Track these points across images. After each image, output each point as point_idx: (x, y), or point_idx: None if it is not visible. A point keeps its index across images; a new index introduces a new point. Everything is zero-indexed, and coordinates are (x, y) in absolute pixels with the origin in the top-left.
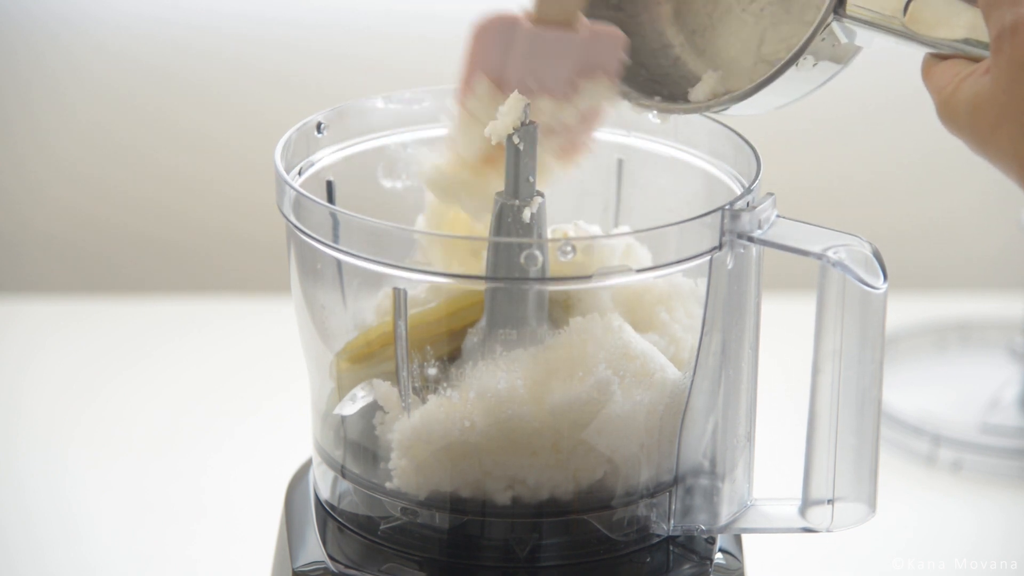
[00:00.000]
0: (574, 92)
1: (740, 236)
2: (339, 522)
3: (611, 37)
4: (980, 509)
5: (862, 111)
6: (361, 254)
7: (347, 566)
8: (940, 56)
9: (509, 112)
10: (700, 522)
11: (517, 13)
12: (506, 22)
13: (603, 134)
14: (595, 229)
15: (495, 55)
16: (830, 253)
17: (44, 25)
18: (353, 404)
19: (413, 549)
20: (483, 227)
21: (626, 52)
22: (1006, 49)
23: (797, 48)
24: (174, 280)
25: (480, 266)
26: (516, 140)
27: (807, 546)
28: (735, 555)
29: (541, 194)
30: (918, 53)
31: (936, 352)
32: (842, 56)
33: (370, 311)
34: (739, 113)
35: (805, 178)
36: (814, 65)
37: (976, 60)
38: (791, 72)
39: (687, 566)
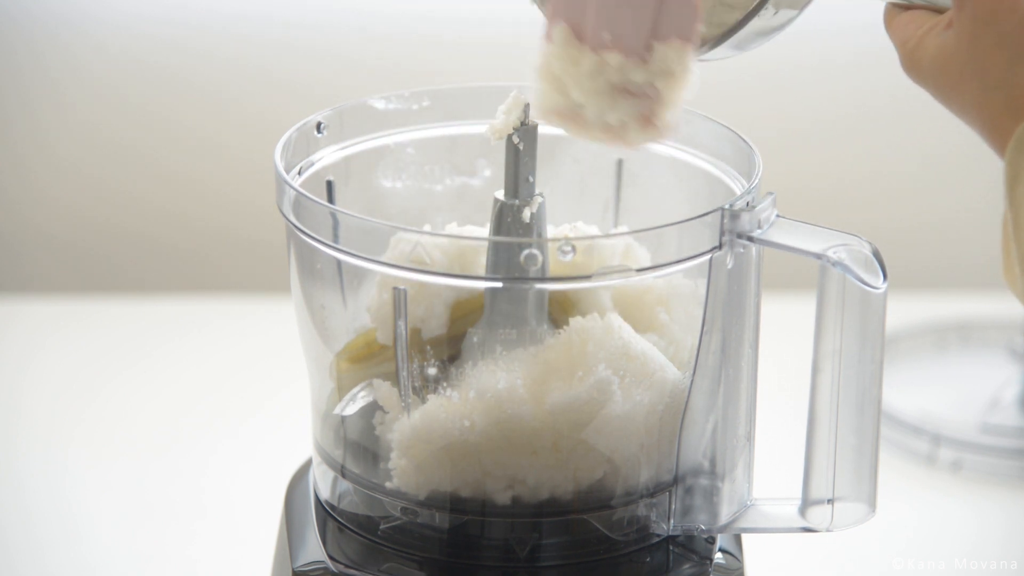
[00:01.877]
0: (647, 52)
1: (740, 236)
2: (339, 522)
3: (686, 2)
4: (980, 509)
5: (862, 111)
6: (361, 254)
7: (347, 566)
8: (902, 6)
9: (509, 112)
10: (700, 522)
11: None
12: None
13: None
14: (594, 229)
15: (576, 4)
16: (830, 253)
17: (44, 25)
18: (353, 404)
19: (413, 549)
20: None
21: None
22: (968, 6)
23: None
24: (174, 280)
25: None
26: (516, 140)
27: (807, 546)
28: (735, 555)
29: (541, 194)
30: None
31: (936, 352)
32: (800, 2)
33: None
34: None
35: (805, 178)
36: (775, 14)
37: (939, 11)
38: (753, 22)
39: (687, 566)
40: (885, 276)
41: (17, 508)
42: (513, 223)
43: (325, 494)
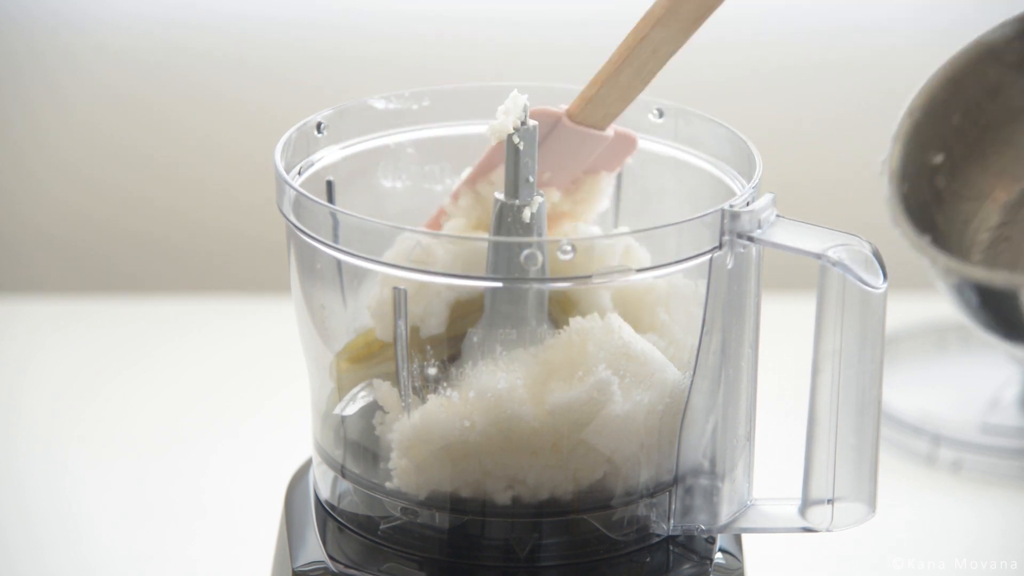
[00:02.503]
0: (575, 187)
1: (740, 236)
2: (339, 522)
3: (628, 141)
4: (980, 509)
5: (862, 111)
6: (361, 254)
7: (347, 566)
8: None
9: (509, 112)
10: (700, 522)
11: (559, 111)
12: (549, 117)
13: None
14: (595, 229)
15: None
16: (830, 253)
17: (44, 25)
18: (353, 404)
19: (413, 549)
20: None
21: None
22: None
23: None
24: (174, 280)
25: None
26: (516, 140)
27: (807, 546)
28: (735, 555)
29: (541, 194)
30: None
31: (936, 352)
32: None
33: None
34: None
35: (805, 178)
36: None
37: None
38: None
39: (687, 566)
40: (885, 276)
41: (17, 508)
42: (513, 223)
43: (325, 494)
